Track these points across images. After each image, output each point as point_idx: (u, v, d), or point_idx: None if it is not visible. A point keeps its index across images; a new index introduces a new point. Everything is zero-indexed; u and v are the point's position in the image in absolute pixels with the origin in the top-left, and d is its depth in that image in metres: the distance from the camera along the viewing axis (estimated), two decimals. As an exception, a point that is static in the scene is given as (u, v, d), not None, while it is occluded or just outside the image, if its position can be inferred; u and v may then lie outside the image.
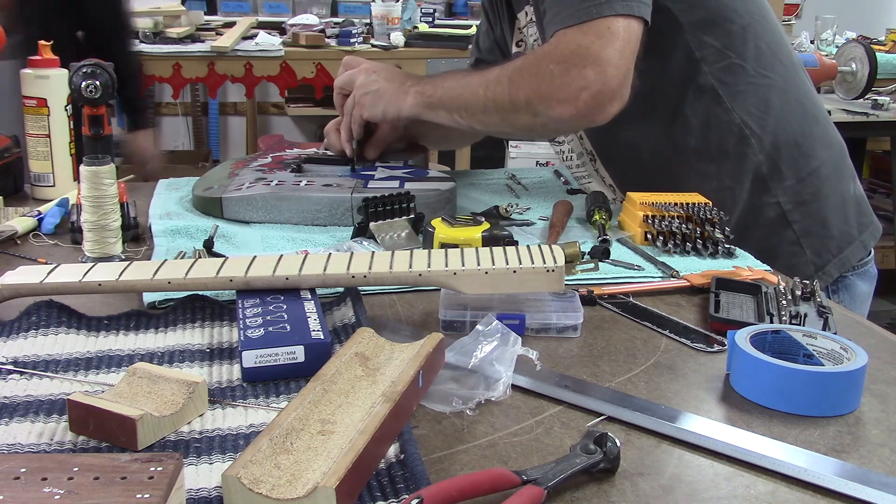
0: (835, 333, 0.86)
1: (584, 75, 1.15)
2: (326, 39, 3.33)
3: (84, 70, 1.16)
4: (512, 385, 0.79)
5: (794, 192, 1.35)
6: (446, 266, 0.89)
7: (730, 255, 1.17)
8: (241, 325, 0.82)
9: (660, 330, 0.94)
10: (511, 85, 1.21)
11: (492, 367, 0.79)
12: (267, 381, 0.79)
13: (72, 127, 1.43)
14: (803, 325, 0.91)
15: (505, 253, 0.91)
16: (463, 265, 0.89)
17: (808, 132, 1.37)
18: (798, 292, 0.96)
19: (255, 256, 0.92)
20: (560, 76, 1.16)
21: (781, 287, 1.00)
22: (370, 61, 1.42)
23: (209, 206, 1.30)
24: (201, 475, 0.64)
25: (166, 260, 0.93)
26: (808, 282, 1.00)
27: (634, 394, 0.78)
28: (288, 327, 0.81)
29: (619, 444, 0.66)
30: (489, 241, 1.06)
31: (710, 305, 0.96)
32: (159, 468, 0.56)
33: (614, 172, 1.47)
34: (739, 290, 1.01)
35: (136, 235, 1.22)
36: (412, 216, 1.18)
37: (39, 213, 1.28)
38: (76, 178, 1.40)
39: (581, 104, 1.16)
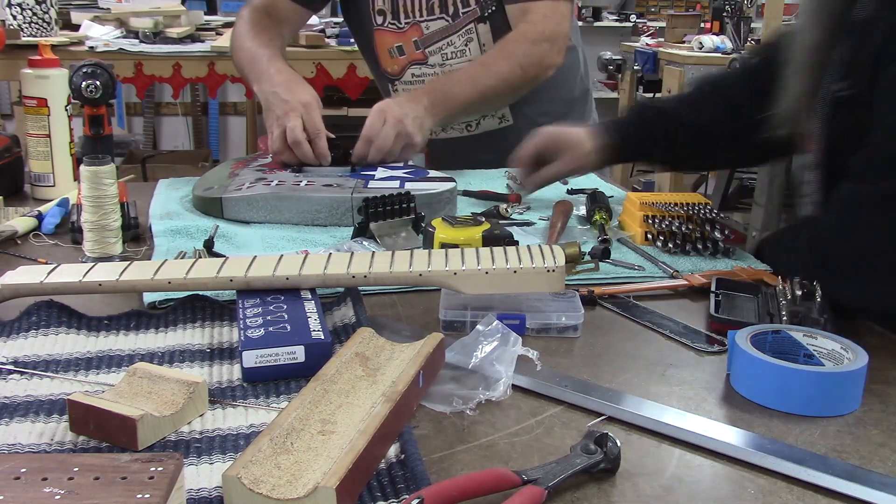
0: (834, 333, 0.86)
1: (560, 47, 1.55)
2: (326, 39, 3.33)
3: (84, 70, 1.16)
4: (512, 385, 0.79)
5: None
6: (446, 266, 0.90)
7: (730, 255, 1.17)
8: (242, 325, 0.82)
9: (660, 330, 0.94)
10: (524, 70, 1.51)
11: (492, 367, 0.79)
12: (267, 381, 0.79)
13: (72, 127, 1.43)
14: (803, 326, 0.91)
15: (505, 253, 0.91)
16: (463, 265, 0.89)
17: None
18: (798, 292, 0.96)
19: (255, 256, 0.92)
20: (550, 51, 1.53)
21: (781, 287, 1.00)
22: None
23: (209, 206, 1.30)
24: (201, 475, 0.64)
25: (166, 260, 0.93)
26: (807, 281, 1.00)
27: (635, 394, 0.78)
28: (288, 327, 0.81)
29: (619, 444, 0.66)
30: (489, 241, 1.06)
31: (710, 306, 0.96)
32: (159, 468, 0.56)
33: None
34: (739, 291, 1.01)
35: (136, 235, 1.22)
36: (412, 216, 1.18)
37: (39, 213, 1.28)
38: (76, 178, 1.40)
39: (558, 65, 1.57)
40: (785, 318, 0.92)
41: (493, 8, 1.59)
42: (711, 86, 1.37)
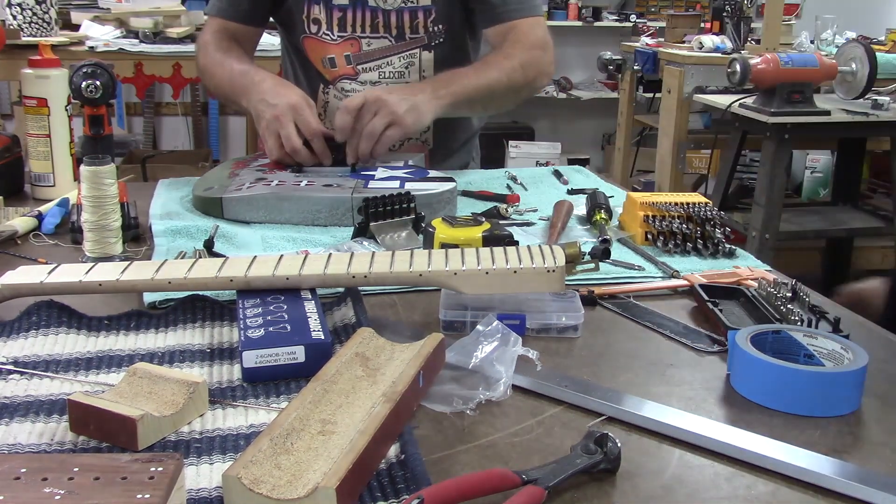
0: (833, 332, 0.86)
1: (552, 57, 1.61)
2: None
3: (84, 70, 1.16)
4: (512, 385, 0.79)
5: None
6: (447, 266, 0.90)
7: (730, 255, 1.17)
8: (242, 325, 0.82)
9: (660, 330, 0.94)
10: (524, 70, 1.55)
11: (492, 367, 0.79)
12: (267, 382, 0.79)
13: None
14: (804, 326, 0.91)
15: (505, 253, 0.91)
16: (463, 265, 0.89)
17: None
18: (789, 293, 0.96)
19: (255, 256, 0.92)
20: (545, 58, 1.59)
21: (768, 288, 0.99)
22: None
23: (209, 206, 1.30)
24: (202, 475, 0.64)
25: (167, 260, 0.93)
26: (791, 281, 1.00)
27: (635, 394, 0.78)
28: (288, 327, 0.81)
29: (619, 444, 0.66)
30: (489, 241, 1.06)
31: (717, 317, 0.94)
32: (160, 468, 0.56)
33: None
34: (722, 297, 1.01)
35: (136, 235, 1.22)
36: (412, 216, 1.18)
37: (39, 213, 1.28)
38: (76, 178, 1.40)
39: (552, 74, 1.66)
40: (796, 319, 0.91)
41: (441, 39, 1.59)
42: None
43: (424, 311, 0.97)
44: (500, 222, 1.22)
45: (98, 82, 1.16)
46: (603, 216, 1.26)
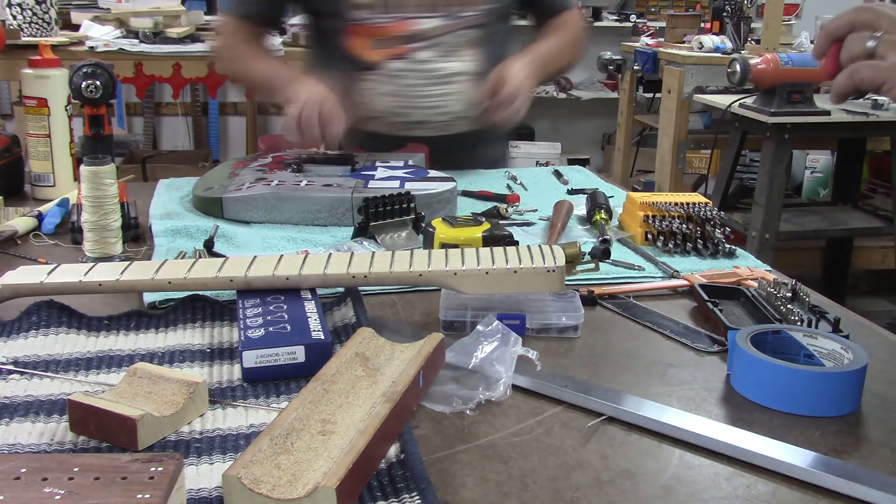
0: (832, 332, 0.86)
1: None
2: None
3: (84, 70, 1.16)
4: (512, 385, 0.79)
5: None
6: (447, 266, 0.89)
7: (730, 255, 1.17)
8: (242, 325, 0.82)
9: (660, 330, 0.94)
10: (582, 46, 1.75)
11: (492, 367, 0.79)
12: (267, 381, 0.79)
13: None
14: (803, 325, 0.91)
15: (505, 253, 0.91)
16: (463, 265, 0.89)
17: None
18: (788, 293, 0.96)
19: (255, 256, 0.92)
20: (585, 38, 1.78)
21: (768, 288, 0.99)
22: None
23: (209, 206, 1.30)
24: (202, 475, 0.64)
25: (167, 260, 0.93)
26: (791, 281, 1.00)
27: (635, 394, 0.78)
28: (288, 327, 0.81)
29: None
30: (489, 241, 1.06)
31: (717, 317, 0.94)
32: (160, 468, 0.56)
33: None
34: (722, 297, 1.01)
35: (136, 235, 1.22)
36: (412, 216, 1.18)
37: (39, 213, 1.28)
38: (76, 178, 1.40)
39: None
40: (796, 319, 0.91)
41: (490, 18, 1.60)
42: None
43: (424, 311, 0.97)
44: (500, 222, 1.22)
45: (98, 82, 1.16)
46: (603, 216, 1.26)
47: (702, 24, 4.28)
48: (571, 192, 1.50)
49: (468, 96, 1.58)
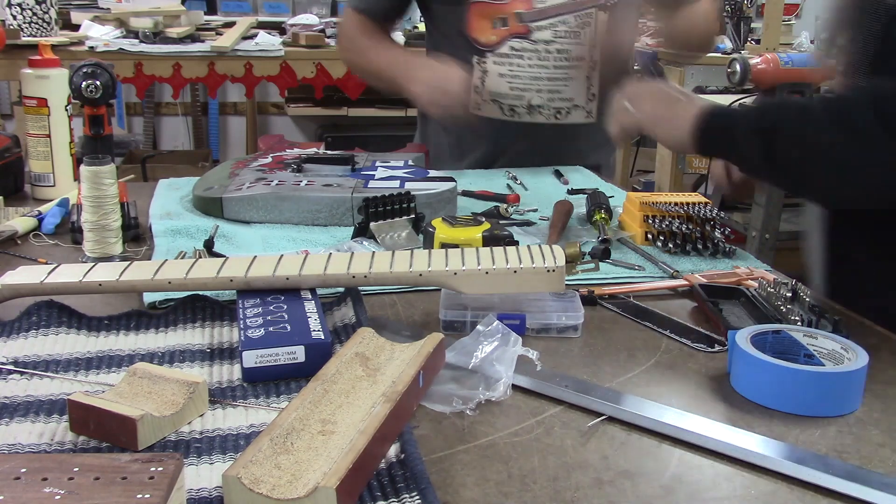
0: (833, 332, 0.86)
1: None
2: (326, 39, 3.33)
3: (84, 70, 1.16)
4: (512, 385, 0.79)
5: None
6: (446, 266, 0.89)
7: (730, 255, 1.17)
8: (242, 325, 0.82)
9: (660, 330, 0.94)
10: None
11: (492, 367, 0.79)
12: (267, 381, 0.79)
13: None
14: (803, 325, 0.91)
15: (505, 253, 0.91)
16: (463, 265, 0.89)
17: None
18: (789, 293, 0.96)
19: (255, 256, 0.92)
20: None
21: (768, 288, 0.99)
22: None
23: (209, 206, 1.30)
24: (202, 475, 0.64)
25: (167, 260, 0.93)
26: (791, 281, 1.00)
27: (635, 394, 0.78)
28: (288, 327, 0.81)
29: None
30: (489, 241, 1.06)
31: (717, 317, 0.94)
32: (160, 468, 0.56)
33: None
34: (722, 297, 1.01)
35: (136, 235, 1.22)
36: (412, 216, 1.18)
37: (39, 213, 1.28)
38: (76, 178, 1.40)
39: None
40: (797, 319, 0.91)
41: (621, 4, 1.57)
42: None
43: (424, 311, 0.97)
44: (500, 222, 1.22)
45: (98, 82, 1.16)
46: (603, 216, 1.26)
47: (702, 24, 4.28)
48: (571, 192, 1.50)
49: (589, 84, 1.55)
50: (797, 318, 0.91)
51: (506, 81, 1.56)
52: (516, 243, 1.07)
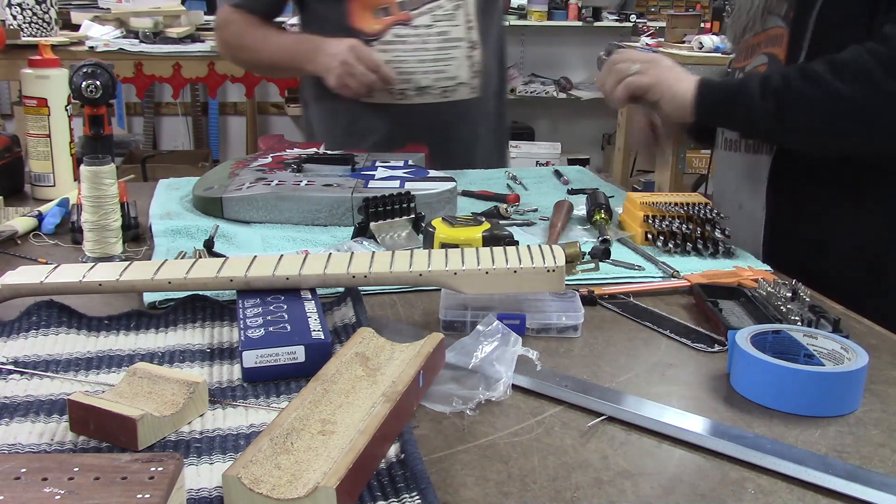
0: (833, 332, 0.86)
1: None
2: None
3: (84, 70, 1.16)
4: (512, 385, 0.79)
5: None
6: (446, 266, 0.89)
7: (730, 255, 1.17)
8: (242, 325, 0.82)
9: (660, 330, 0.94)
10: None
11: (492, 367, 0.79)
12: (267, 381, 0.79)
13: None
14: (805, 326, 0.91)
15: (505, 253, 0.91)
16: (463, 265, 0.89)
17: None
18: (788, 293, 0.96)
19: (255, 256, 0.92)
20: None
21: (768, 288, 0.99)
22: None
23: (209, 206, 1.30)
24: (202, 475, 0.64)
25: (167, 260, 0.93)
26: (791, 281, 1.00)
27: (635, 394, 0.78)
28: (288, 327, 0.81)
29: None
30: (489, 241, 1.06)
31: (717, 317, 0.94)
32: (160, 468, 0.56)
33: None
34: (722, 297, 1.01)
35: (136, 235, 1.22)
36: (412, 216, 1.18)
37: (39, 213, 1.28)
38: (76, 178, 1.40)
39: None
40: (797, 319, 0.91)
41: None
42: None
43: (424, 311, 0.97)
44: (500, 222, 1.22)
45: (98, 82, 1.16)
46: (603, 216, 1.26)
47: (702, 24, 4.29)
48: (571, 192, 1.50)
49: (471, 62, 1.62)
50: (797, 318, 0.91)
51: (393, 67, 1.60)
52: (516, 243, 1.07)
